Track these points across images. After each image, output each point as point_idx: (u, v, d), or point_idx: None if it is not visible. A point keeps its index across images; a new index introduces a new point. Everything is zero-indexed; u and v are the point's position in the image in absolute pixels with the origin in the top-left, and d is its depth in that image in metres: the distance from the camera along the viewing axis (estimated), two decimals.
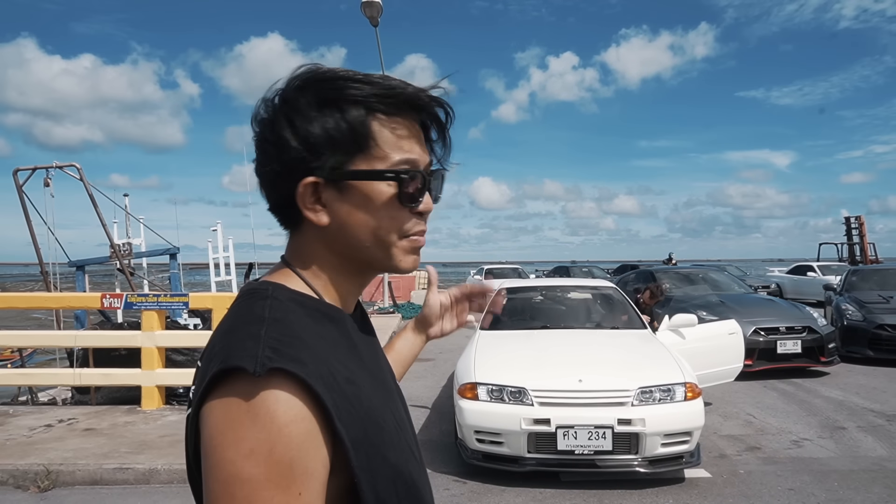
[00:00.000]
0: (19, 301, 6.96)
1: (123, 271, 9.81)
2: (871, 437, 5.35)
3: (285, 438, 0.59)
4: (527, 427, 4.11)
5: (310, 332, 0.68)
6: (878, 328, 8.79)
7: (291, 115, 0.71)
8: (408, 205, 0.74)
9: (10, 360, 12.43)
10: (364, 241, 0.74)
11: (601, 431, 4.04)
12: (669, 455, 4.17)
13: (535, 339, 5.39)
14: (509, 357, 4.86)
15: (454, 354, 9.77)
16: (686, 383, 4.28)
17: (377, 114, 0.72)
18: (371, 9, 12.79)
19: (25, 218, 9.19)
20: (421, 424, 5.91)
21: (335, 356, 0.68)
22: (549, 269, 27.17)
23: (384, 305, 17.26)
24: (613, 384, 4.26)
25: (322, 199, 0.72)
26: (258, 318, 0.67)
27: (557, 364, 4.63)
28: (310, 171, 0.71)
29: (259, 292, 0.72)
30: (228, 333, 0.67)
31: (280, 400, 0.60)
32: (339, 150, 0.70)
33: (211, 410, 0.61)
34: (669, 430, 4.11)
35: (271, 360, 0.60)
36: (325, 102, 0.71)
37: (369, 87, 0.71)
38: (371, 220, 0.73)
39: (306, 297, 0.74)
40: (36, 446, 4.90)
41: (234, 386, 0.60)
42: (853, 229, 23.28)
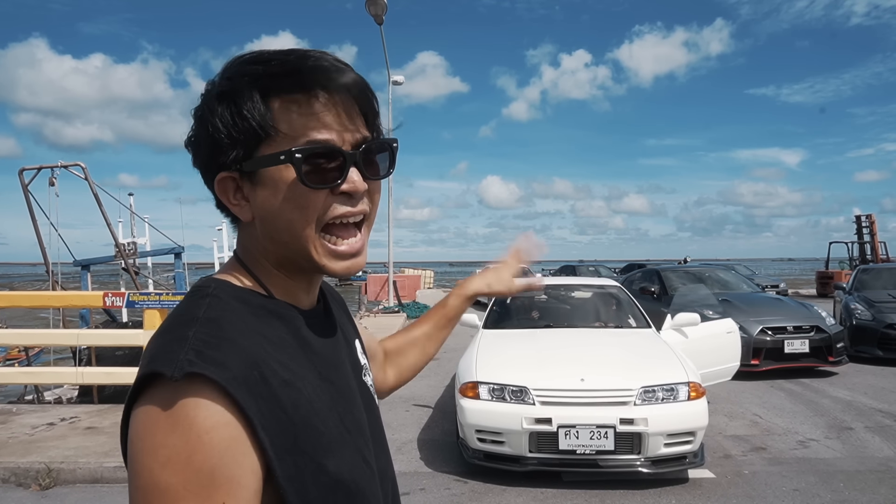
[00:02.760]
0: (23, 300, 6.98)
1: (128, 270, 9.84)
2: (878, 437, 5.27)
3: (205, 446, 0.56)
4: (528, 426, 4.07)
5: (247, 331, 0.65)
6: (887, 328, 8.69)
7: (202, 111, 0.69)
8: (318, 186, 0.67)
9: (17, 359, 12.52)
10: (282, 237, 0.69)
11: (603, 431, 4.00)
12: (672, 455, 4.11)
13: (538, 338, 5.34)
14: (511, 356, 4.81)
15: (458, 354, 9.73)
16: (689, 383, 4.23)
17: (275, 94, 0.66)
18: (375, 7, 12.78)
19: (31, 217, 9.23)
20: (423, 423, 5.89)
21: (275, 357, 0.64)
22: (556, 268, 27.10)
23: (389, 305, 17.26)
24: (615, 383, 4.21)
25: (245, 194, 0.70)
26: (192, 318, 0.64)
27: (559, 363, 4.58)
28: (222, 166, 0.69)
29: (201, 290, 0.70)
30: (162, 334, 0.65)
31: (200, 406, 0.57)
32: (241, 141, 0.67)
33: (135, 417, 0.60)
34: (672, 429, 4.06)
35: (190, 364, 0.58)
36: (223, 94, 0.68)
37: (261, 66, 0.67)
38: (282, 211, 0.68)
39: (253, 294, 0.71)
40: (38, 444, 4.91)
41: (155, 391, 0.58)
42: (864, 228, 23.05)
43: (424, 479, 4.45)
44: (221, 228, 12.55)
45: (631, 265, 23.31)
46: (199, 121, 0.69)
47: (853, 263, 21.79)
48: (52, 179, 9.27)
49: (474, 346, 5.13)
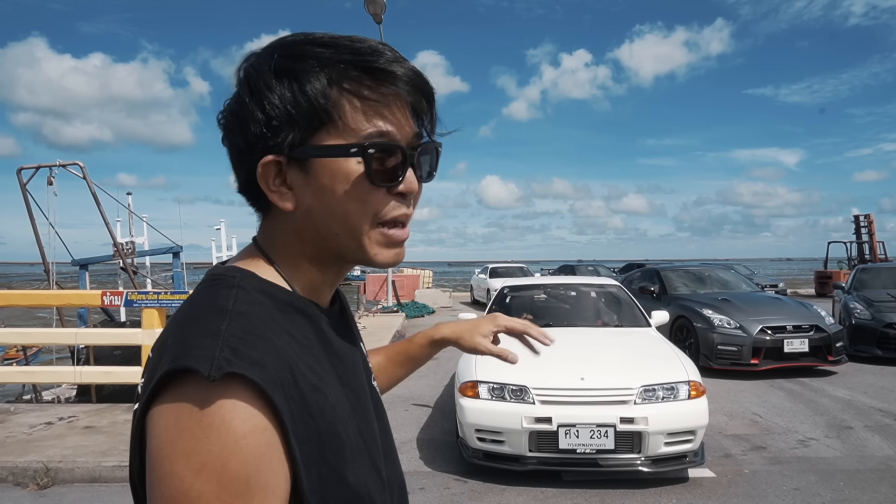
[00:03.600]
0: (20, 298, 6.96)
1: (126, 270, 9.83)
2: (878, 436, 5.27)
3: (242, 452, 0.53)
4: (528, 426, 4.06)
5: (278, 329, 0.61)
6: (886, 327, 8.69)
7: (253, 85, 0.64)
8: (381, 184, 0.64)
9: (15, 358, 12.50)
10: (332, 229, 0.66)
11: (603, 430, 3.99)
12: (673, 454, 4.10)
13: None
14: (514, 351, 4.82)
15: (457, 354, 9.70)
16: (690, 381, 4.22)
17: (343, 82, 0.63)
18: (374, 6, 12.76)
19: (29, 216, 9.22)
20: (423, 423, 5.88)
21: (303, 359, 0.61)
22: (554, 268, 27.11)
23: (388, 304, 17.25)
24: (615, 382, 4.20)
25: (287, 181, 0.65)
26: (220, 309, 0.60)
27: (559, 362, 4.53)
28: (269, 149, 0.63)
29: (225, 279, 0.65)
30: (185, 325, 0.60)
31: (237, 409, 0.53)
32: (300, 125, 0.62)
33: (159, 415, 0.54)
34: (673, 428, 4.05)
35: (229, 363, 0.53)
36: (284, 71, 0.63)
37: (333, 51, 0.63)
38: (339, 204, 0.64)
39: (278, 288, 0.66)
40: (36, 444, 4.89)
41: (187, 389, 0.54)
42: (862, 228, 23.09)
43: (424, 478, 4.44)
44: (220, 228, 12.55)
45: (630, 265, 23.31)
46: (252, 94, 0.63)
47: (852, 263, 21.82)
48: (51, 178, 9.26)
49: None
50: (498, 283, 17.68)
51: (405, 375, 1.17)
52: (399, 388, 7.39)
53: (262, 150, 0.63)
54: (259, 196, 0.67)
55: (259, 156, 0.63)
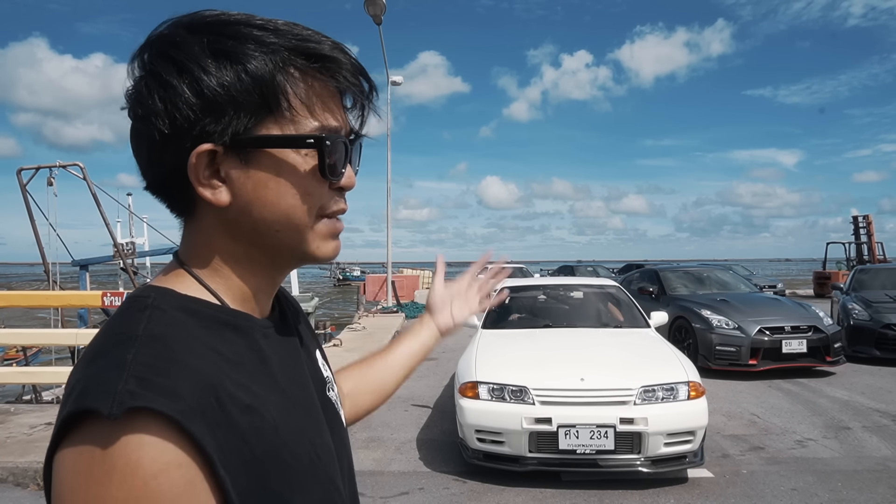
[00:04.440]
0: (21, 299, 6.97)
1: (126, 270, 9.84)
2: (876, 437, 5.29)
3: (153, 494, 0.47)
4: (528, 426, 4.07)
5: (199, 350, 0.55)
6: (884, 328, 8.71)
7: (182, 63, 0.56)
8: (330, 178, 0.61)
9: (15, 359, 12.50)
10: (274, 224, 0.60)
11: (603, 431, 4.00)
12: (672, 455, 4.11)
13: (538, 338, 5.35)
14: (511, 356, 4.81)
15: (457, 354, 9.74)
16: (689, 382, 4.23)
17: (290, 68, 0.59)
18: (374, 7, 12.78)
19: (29, 217, 9.24)
20: (422, 423, 5.89)
21: (234, 378, 0.55)
22: (554, 268, 27.13)
23: (388, 305, 17.26)
24: (615, 383, 4.20)
25: (221, 173, 0.58)
26: (129, 336, 0.53)
27: (559, 363, 4.58)
28: (205, 137, 0.56)
29: (138, 301, 0.58)
30: (92, 359, 0.53)
31: (144, 446, 0.47)
32: (243, 111, 0.57)
33: (60, 462, 0.49)
34: (672, 429, 4.06)
35: (133, 397, 0.48)
36: (223, 52, 0.57)
37: (276, 36, 0.58)
38: (284, 197, 0.59)
39: (202, 303, 0.60)
40: (36, 444, 4.90)
41: (88, 431, 0.48)
42: (861, 228, 23.13)
43: (423, 478, 4.46)
44: None
45: (629, 265, 23.34)
46: (181, 75, 0.56)
47: (850, 264, 21.86)
48: (51, 179, 9.29)
49: (473, 345, 5.12)
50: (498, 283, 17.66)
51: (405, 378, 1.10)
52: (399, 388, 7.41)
53: (196, 139, 0.56)
54: (179, 194, 0.60)
55: (191, 144, 0.56)
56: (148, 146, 0.59)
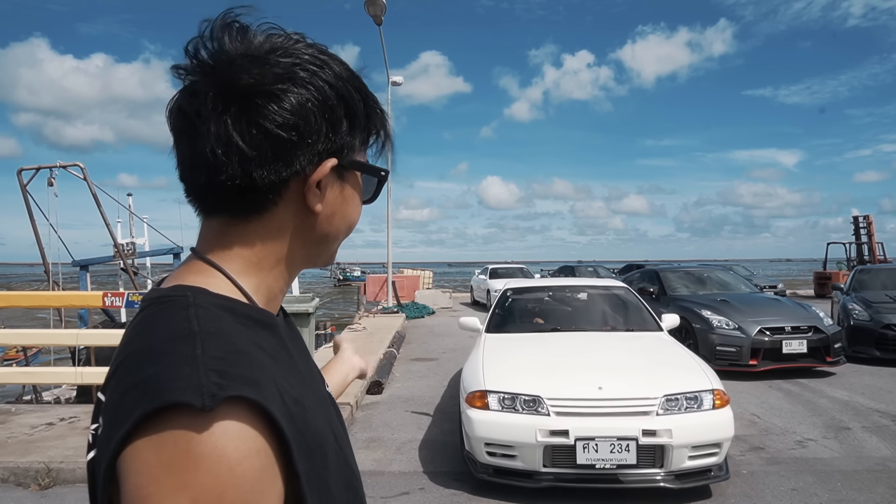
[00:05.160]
0: (22, 300, 6.98)
1: (127, 271, 9.85)
2: (875, 437, 5.29)
3: (237, 480, 0.49)
4: (543, 439, 3.79)
5: (251, 344, 0.57)
6: (884, 328, 8.71)
7: (343, 92, 0.65)
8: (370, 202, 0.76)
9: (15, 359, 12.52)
10: (341, 233, 0.72)
11: (624, 444, 3.73)
12: (697, 468, 3.87)
13: (547, 343, 5.09)
14: (521, 362, 4.53)
15: (457, 354, 9.77)
16: (714, 390, 4.01)
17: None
18: (374, 7, 12.79)
19: (29, 217, 9.25)
20: (423, 424, 5.89)
21: (279, 371, 0.58)
22: (554, 268, 27.13)
23: (388, 305, 17.26)
24: (636, 392, 3.95)
25: (321, 184, 0.65)
26: (186, 333, 0.54)
27: (574, 370, 4.31)
28: (336, 152, 0.65)
29: (174, 300, 0.59)
30: (152, 358, 0.53)
31: (229, 434, 0.49)
32: (357, 138, 0.69)
33: (137, 454, 0.49)
34: (697, 441, 3.81)
35: (221, 388, 0.49)
36: (360, 88, 0.68)
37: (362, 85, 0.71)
38: (354, 211, 0.72)
39: (234, 301, 0.61)
40: (37, 444, 4.91)
41: (170, 423, 0.49)
42: (862, 229, 23.13)
43: (424, 478, 4.46)
44: None
45: (630, 265, 23.34)
46: (341, 100, 0.65)
47: (851, 264, 21.86)
48: (51, 179, 9.29)
49: (479, 351, 4.85)
50: (498, 283, 17.72)
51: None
52: (399, 388, 7.42)
53: (329, 152, 0.64)
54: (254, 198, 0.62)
55: (324, 155, 0.64)
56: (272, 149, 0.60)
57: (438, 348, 10.61)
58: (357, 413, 6.29)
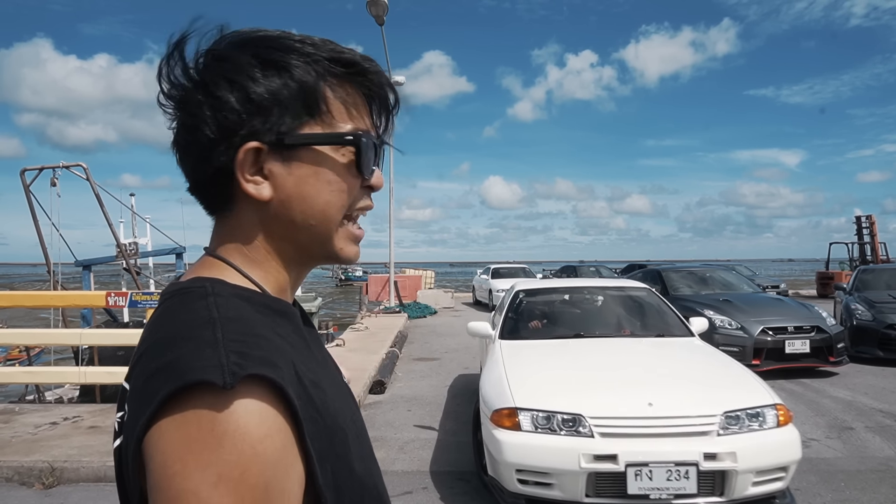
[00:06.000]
0: (25, 299, 7.00)
1: (129, 271, 9.87)
2: (879, 437, 5.28)
3: (260, 458, 0.50)
4: (587, 465, 3.28)
5: (268, 329, 0.59)
6: (888, 328, 8.69)
7: (230, 74, 0.62)
8: (363, 174, 0.67)
9: (18, 359, 12.55)
10: (310, 219, 0.65)
11: (683, 469, 3.23)
12: (760, 496, 3.43)
13: (573, 351, 4.58)
14: (552, 375, 4.06)
15: (459, 354, 9.78)
16: (776, 405, 3.58)
17: (329, 77, 0.65)
18: (376, 7, 12.79)
19: (32, 218, 9.27)
20: (425, 423, 5.89)
21: (297, 357, 0.59)
22: (556, 268, 27.12)
23: (390, 305, 17.27)
24: (692, 409, 3.48)
25: (264, 170, 0.63)
26: (206, 319, 0.56)
27: (615, 383, 3.84)
28: (252, 136, 0.62)
29: (193, 291, 0.61)
30: (170, 343, 0.55)
31: (251, 412, 0.51)
32: (287, 113, 0.62)
33: (162, 434, 0.51)
34: (763, 465, 3.37)
35: (241, 367, 0.51)
36: (271, 62, 0.63)
37: (315, 48, 0.65)
38: (322, 192, 0.65)
39: (250, 291, 0.64)
40: (41, 443, 4.92)
41: (193, 402, 0.50)
42: (864, 229, 23.09)
43: (427, 477, 4.46)
44: None
45: (632, 265, 23.33)
46: (231, 85, 0.62)
47: (853, 264, 21.82)
48: (54, 180, 9.31)
49: (496, 361, 4.35)
50: (500, 283, 17.74)
51: None
52: (402, 388, 7.42)
53: (244, 137, 0.62)
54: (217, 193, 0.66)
55: (239, 142, 0.62)
56: (198, 150, 0.64)
57: (441, 348, 10.61)
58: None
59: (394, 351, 9.73)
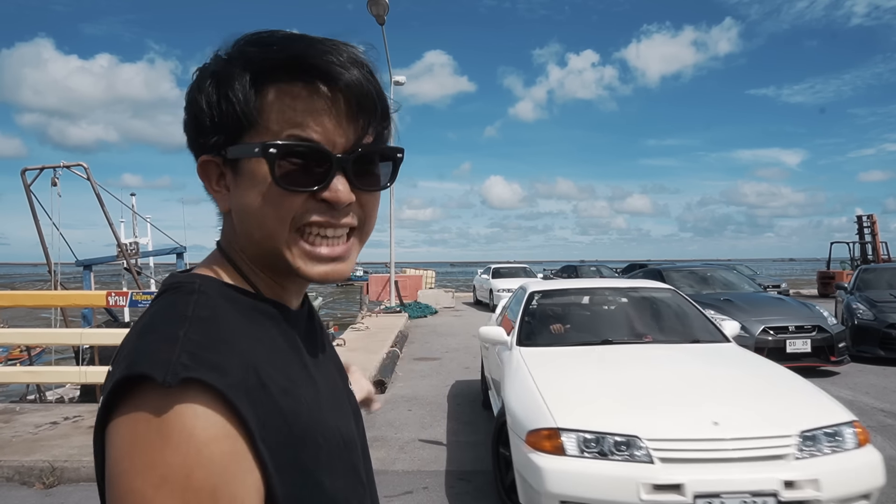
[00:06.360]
0: (26, 299, 7.00)
1: (130, 270, 9.87)
2: (880, 436, 5.28)
3: (205, 461, 0.49)
4: (648, 497, 2.79)
5: (241, 333, 0.58)
6: (889, 327, 8.68)
7: (193, 87, 0.65)
8: (290, 188, 0.60)
9: (19, 359, 12.55)
10: (254, 233, 0.63)
11: (760, 501, 2.76)
12: None
13: (606, 360, 4.03)
14: (592, 388, 3.53)
15: (460, 354, 9.77)
16: (853, 422, 3.14)
17: (268, 83, 0.60)
18: (377, 7, 12.79)
19: (33, 217, 9.28)
20: (426, 423, 5.88)
21: (272, 362, 0.58)
22: (556, 268, 27.12)
23: (391, 305, 17.28)
24: (764, 428, 2.99)
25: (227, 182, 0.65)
26: (180, 315, 0.57)
27: (667, 398, 3.31)
28: (203, 149, 0.64)
29: (184, 286, 0.62)
30: (143, 333, 0.57)
31: (198, 415, 0.50)
32: (223, 126, 0.61)
33: (116, 428, 0.51)
34: (847, 493, 2.89)
35: (186, 369, 0.51)
36: (214, 73, 0.63)
37: (260, 49, 0.61)
38: (254, 206, 0.62)
39: (240, 292, 0.64)
40: (41, 443, 4.92)
41: (143, 398, 0.50)
42: (865, 228, 23.08)
43: (428, 477, 4.46)
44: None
45: (633, 265, 23.33)
46: (187, 98, 0.65)
47: (854, 263, 21.81)
48: (55, 179, 9.32)
49: (520, 371, 3.86)
50: (501, 283, 17.75)
51: None
52: (402, 388, 7.41)
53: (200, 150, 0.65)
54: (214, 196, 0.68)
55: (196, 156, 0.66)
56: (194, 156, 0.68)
57: (441, 348, 10.61)
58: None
59: (394, 351, 9.73)
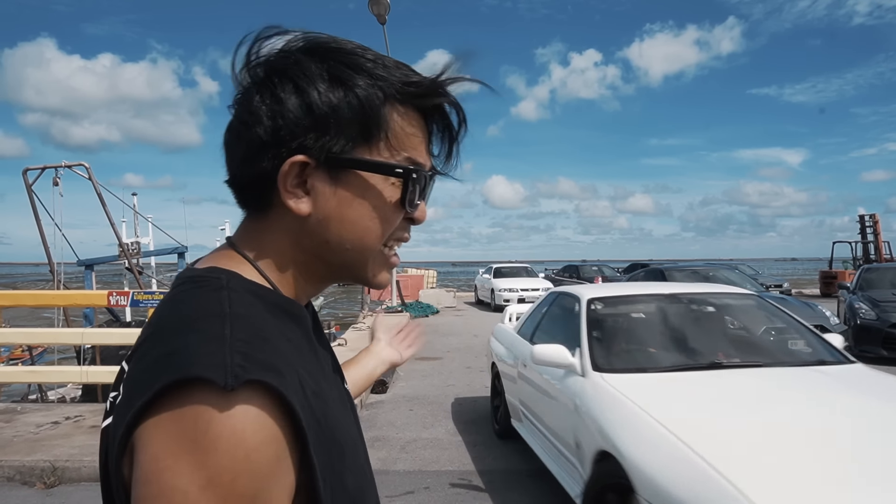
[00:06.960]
0: (27, 299, 7.01)
1: (132, 270, 9.88)
2: None
3: (252, 466, 0.49)
4: None
5: (275, 331, 0.57)
6: (891, 327, 8.65)
7: (297, 78, 0.60)
8: (408, 209, 0.64)
9: (21, 358, 12.57)
10: (346, 242, 0.64)
11: None
12: None
13: (737, 394, 3.06)
14: (761, 446, 2.38)
15: (461, 353, 9.77)
16: None
17: (396, 103, 0.63)
18: (378, 6, 12.78)
19: (35, 217, 9.29)
20: (426, 423, 5.88)
21: (301, 363, 0.57)
22: (558, 268, 27.09)
23: (392, 304, 17.28)
24: None
25: (307, 185, 0.61)
26: (218, 312, 0.55)
27: (876, 462, 2.28)
28: (302, 149, 0.60)
29: (210, 281, 0.60)
30: (178, 331, 0.54)
31: (249, 419, 0.49)
32: (344, 133, 0.60)
33: (156, 428, 0.49)
34: None
35: (244, 370, 0.49)
36: (338, 77, 0.61)
37: (386, 71, 0.62)
38: (363, 218, 0.63)
39: (265, 289, 0.62)
40: (42, 443, 4.92)
41: (192, 398, 0.49)
42: (868, 227, 23.03)
43: (428, 477, 4.45)
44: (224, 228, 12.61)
45: (634, 265, 23.29)
46: (297, 92, 0.60)
47: (856, 263, 21.77)
48: (56, 179, 9.33)
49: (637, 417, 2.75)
50: (502, 283, 17.73)
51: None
52: (403, 388, 7.41)
53: (293, 150, 0.60)
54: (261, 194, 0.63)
55: (287, 153, 0.60)
56: (246, 147, 0.62)
57: (443, 347, 10.60)
58: (361, 412, 6.29)
59: None
